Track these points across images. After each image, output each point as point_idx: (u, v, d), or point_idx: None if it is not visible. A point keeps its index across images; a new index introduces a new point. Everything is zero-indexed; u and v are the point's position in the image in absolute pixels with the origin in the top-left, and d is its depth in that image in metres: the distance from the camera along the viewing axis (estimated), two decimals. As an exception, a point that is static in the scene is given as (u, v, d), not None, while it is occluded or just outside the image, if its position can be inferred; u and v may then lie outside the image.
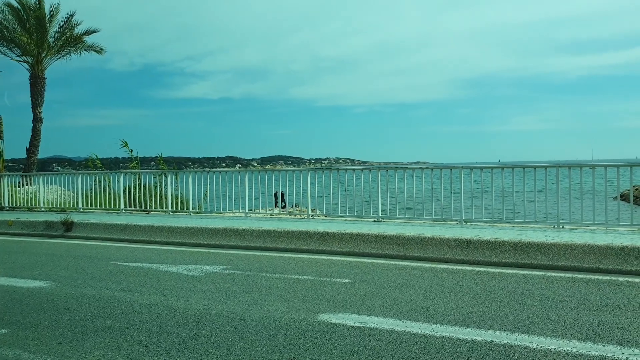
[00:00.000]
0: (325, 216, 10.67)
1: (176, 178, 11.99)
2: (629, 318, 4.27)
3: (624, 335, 3.86)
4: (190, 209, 11.31)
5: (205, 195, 11.74)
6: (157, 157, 15.29)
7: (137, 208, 11.94)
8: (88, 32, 21.32)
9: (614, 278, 5.71)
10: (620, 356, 3.45)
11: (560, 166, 8.38)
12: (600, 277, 5.75)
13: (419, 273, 6.17)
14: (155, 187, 12.21)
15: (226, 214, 11.13)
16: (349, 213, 9.89)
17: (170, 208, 11.51)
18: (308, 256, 7.41)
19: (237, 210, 11.02)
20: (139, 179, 12.32)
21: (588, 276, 5.83)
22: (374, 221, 9.30)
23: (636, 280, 5.62)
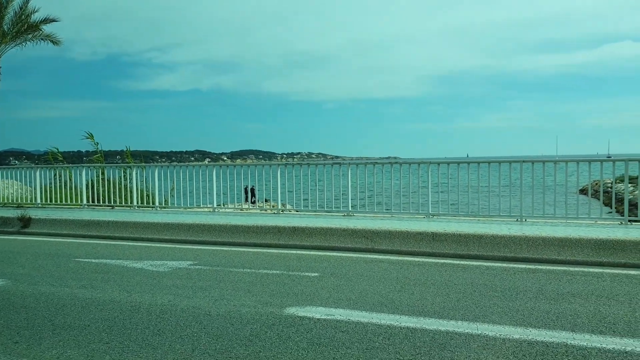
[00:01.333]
0: (297, 211, 10.68)
1: (142, 172, 11.76)
2: (582, 306, 4.43)
3: (577, 322, 4.01)
4: (157, 204, 11.13)
5: (172, 189, 11.56)
6: (123, 150, 14.95)
7: (101, 203, 11.68)
8: (46, 21, 20.45)
9: (571, 268, 5.91)
10: (572, 341, 3.59)
11: (524, 161, 8.60)
12: (559, 268, 5.95)
13: (386, 265, 6.25)
14: (120, 181, 11.95)
15: (194, 209, 11.01)
16: (319, 208, 9.92)
17: (135, 203, 11.30)
18: (277, 251, 7.41)
19: (206, 205, 10.90)
20: (103, 173, 12.04)
21: (547, 267, 6.01)
22: (344, 216, 9.36)
23: (591, 270, 5.83)
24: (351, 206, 9.51)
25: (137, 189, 11.39)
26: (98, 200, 11.70)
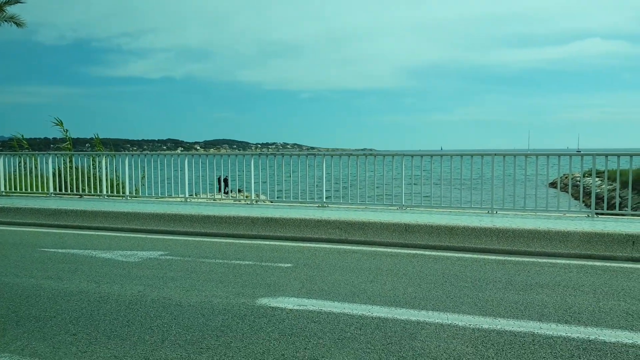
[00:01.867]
0: (271, 202, 10.62)
1: (112, 160, 11.49)
2: (549, 296, 4.53)
3: (544, 312, 4.10)
4: (127, 193, 10.91)
5: (143, 178, 11.32)
6: (92, 138, 14.53)
7: (69, 192, 11.37)
8: (9, 2, 19.77)
9: (539, 260, 6.04)
10: (539, 331, 3.67)
11: (495, 154, 8.72)
12: (528, 259, 6.07)
13: (359, 256, 6.27)
14: (89, 169, 11.65)
15: (166, 199, 10.83)
16: (293, 199, 9.88)
17: (105, 192, 11.04)
18: (250, 242, 7.35)
19: (178, 195, 10.74)
20: (71, 160, 11.71)
21: (517, 258, 6.13)
22: (319, 207, 9.35)
23: (559, 261, 5.96)
24: (326, 197, 9.51)
25: (106, 177, 11.13)
26: (66, 189, 11.39)
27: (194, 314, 4.08)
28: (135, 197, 11.12)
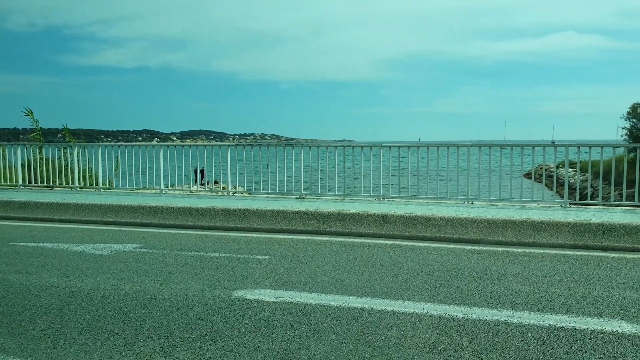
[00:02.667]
0: (249, 193, 10.53)
1: (84, 151, 11.22)
2: (522, 285, 4.60)
3: (517, 300, 4.16)
4: (100, 184, 10.68)
5: (116, 169, 11.09)
6: (62, 128, 14.15)
7: (39, 184, 11.06)
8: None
9: (513, 249, 6.13)
10: (512, 319, 3.72)
11: (471, 145, 8.80)
12: (502, 249, 6.15)
13: (337, 247, 6.27)
14: (60, 161, 11.36)
15: (141, 191, 10.65)
16: (271, 190, 9.82)
17: (77, 184, 10.78)
18: (226, 234, 7.28)
19: (153, 187, 10.57)
20: (41, 152, 11.40)
21: (492, 248, 6.20)
22: (297, 198, 9.31)
23: (532, 251, 6.06)
24: (304, 189, 9.47)
25: (78, 169, 10.87)
26: (35, 181, 11.08)
27: (169, 307, 4.02)
28: (109, 189, 10.91)
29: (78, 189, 10.80)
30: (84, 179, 11.04)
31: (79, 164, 10.87)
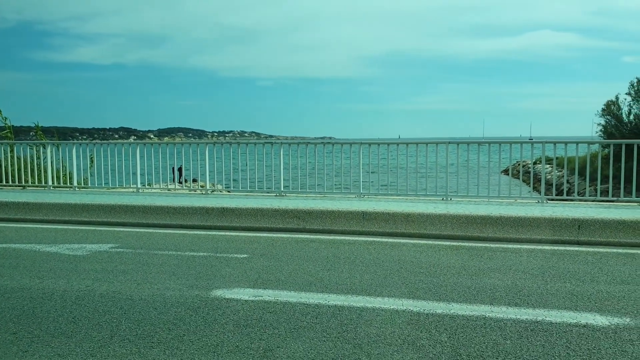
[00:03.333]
0: (228, 191, 10.44)
1: (57, 150, 10.97)
2: (500, 280, 4.65)
3: (495, 295, 4.20)
4: (75, 183, 10.45)
5: (91, 167, 10.86)
6: (35, 126, 13.79)
7: (10, 183, 10.78)
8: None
9: (492, 245, 6.19)
10: (491, 314, 3.75)
11: (450, 142, 8.86)
12: (481, 245, 6.20)
13: (317, 245, 6.25)
14: (33, 159, 11.08)
15: (117, 190, 10.47)
16: (250, 188, 9.75)
17: (50, 183, 10.54)
18: (205, 232, 7.20)
19: (130, 186, 10.40)
20: (12, 150, 11.10)
21: (470, 244, 6.26)
22: (276, 196, 9.26)
23: (510, 246, 6.13)
24: (283, 186, 9.43)
25: (52, 167, 10.63)
26: (7, 180, 10.78)
27: (146, 307, 3.95)
28: (83, 187, 10.69)
29: (51, 188, 10.56)
30: (58, 177, 10.79)
31: (52, 163, 10.63)
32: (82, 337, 3.40)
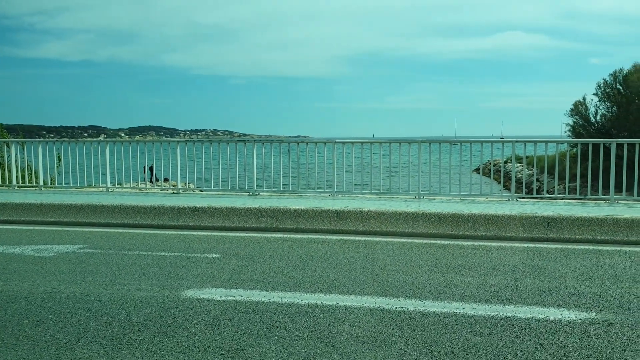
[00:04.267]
0: (201, 191, 10.31)
1: (22, 149, 10.64)
2: (471, 277, 4.71)
3: (466, 292, 4.25)
4: (41, 183, 10.16)
5: (58, 166, 10.58)
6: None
7: None
8: None
9: (463, 242, 6.27)
10: (462, 311, 3.79)
11: (422, 142, 8.93)
12: (453, 242, 6.28)
13: (290, 244, 6.22)
14: None
15: (86, 189, 10.22)
16: (223, 187, 9.65)
17: (15, 182, 10.23)
18: (176, 232, 7.09)
19: (99, 185, 10.17)
20: None
21: (442, 242, 6.32)
22: (249, 195, 9.19)
23: (481, 243, 6.22)
24: (257, 185, 9.36)
25: (16, 166, 10.30)
26: None
27: (115, 309, 3.87)
28: (50, 187, 10.41)
29: (16, 187, 10.25)
30: (23, 177, 10.48)
31: (16, 162, 10.31)
32: (47, 340, 3.30)
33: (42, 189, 10.12)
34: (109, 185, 9.90)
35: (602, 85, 24.53)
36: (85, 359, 3.04)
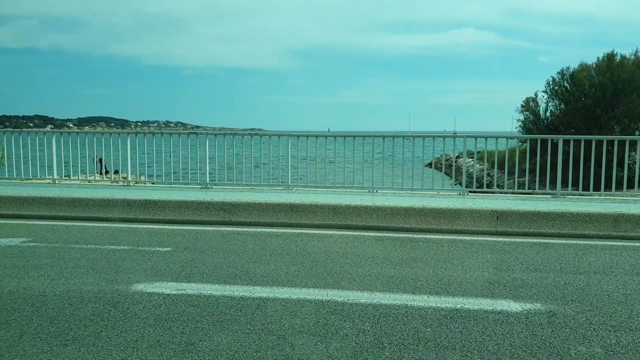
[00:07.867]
0: (152, 183, 10.07)
1: None
2: (422, 269, 4.82)
3: (417, 284, 4.35)
4: (-19, 175, 9.66)
5: (1, 157, 10.09)
6: None
7: None
8: None
9: (415, 236, 6.41)
10: (412, 302, 3.88)
11: (376, 136, 9.05)
12: (404, 235, 6.41)
13: (243, 238, 6.18)
14: None
15: (32, 181, 9.79)
16: (175, 180, 9.46)
17: (-48, 175, 9.67)
18: (126, 225, 6.91)
19: (45, 177, 9.75)
20: None
21: (394, 235, 6.44)
22: (202, 188, 9.05)
23: (432, 237, 6.37)
24: (209, 178, 9.23)
25: None
26: None
27: (60, 303, 3.74)
28: (-8, 179, 9.90)
29: (-46, 179, 9.69)
30: None
31: None
32: (-15, 337, 3.15)
33: (-18, 180, 9.60)
34: (55, 177, 9.52)
35: (550, 83, 25.43)
36: (28, 355, 2.93)
